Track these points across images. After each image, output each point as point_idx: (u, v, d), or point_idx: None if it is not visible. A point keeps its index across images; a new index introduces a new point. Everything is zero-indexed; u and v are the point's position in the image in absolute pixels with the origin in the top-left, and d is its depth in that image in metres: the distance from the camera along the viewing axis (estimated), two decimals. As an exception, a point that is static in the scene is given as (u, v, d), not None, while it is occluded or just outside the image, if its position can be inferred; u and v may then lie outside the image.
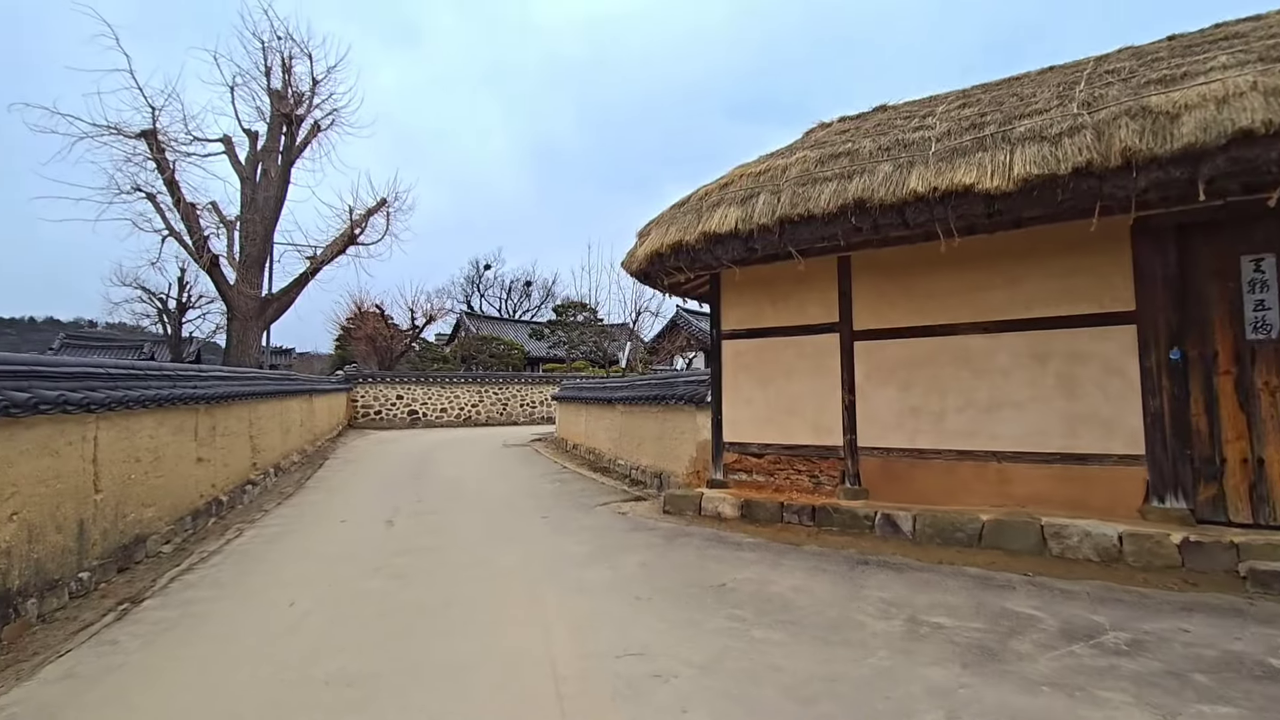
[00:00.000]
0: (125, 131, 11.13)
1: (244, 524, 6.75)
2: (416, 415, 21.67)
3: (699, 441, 7.40)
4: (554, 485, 9.16)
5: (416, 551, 5.47)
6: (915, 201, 4.97)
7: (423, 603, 4.19)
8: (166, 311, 27.67)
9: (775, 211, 5.61)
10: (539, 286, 54.06)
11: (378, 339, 24.03)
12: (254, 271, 13.03)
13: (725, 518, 6.41)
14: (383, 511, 7.23)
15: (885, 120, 6.24)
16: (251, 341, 13.03)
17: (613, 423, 10.59)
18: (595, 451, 11.59)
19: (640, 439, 9.24)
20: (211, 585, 4.67)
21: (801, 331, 6.58)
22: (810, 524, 5.99)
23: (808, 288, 6.54)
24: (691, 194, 6.63)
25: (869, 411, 6.16)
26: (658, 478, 8.40)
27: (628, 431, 9.82)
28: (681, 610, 3.97)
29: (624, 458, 9.92)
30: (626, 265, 7.14)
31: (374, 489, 8.96)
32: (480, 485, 9.19)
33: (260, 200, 13.08)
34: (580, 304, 26.17)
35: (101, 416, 4.62)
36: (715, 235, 5.94)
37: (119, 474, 4.88)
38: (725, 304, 7.14)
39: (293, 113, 13.01)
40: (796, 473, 6.57)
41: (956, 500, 5.64)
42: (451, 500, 7.96)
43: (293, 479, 9.81)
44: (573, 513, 7.11)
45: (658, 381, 9.02)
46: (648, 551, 5.39)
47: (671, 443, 8.08)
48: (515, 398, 23.68)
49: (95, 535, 4.52)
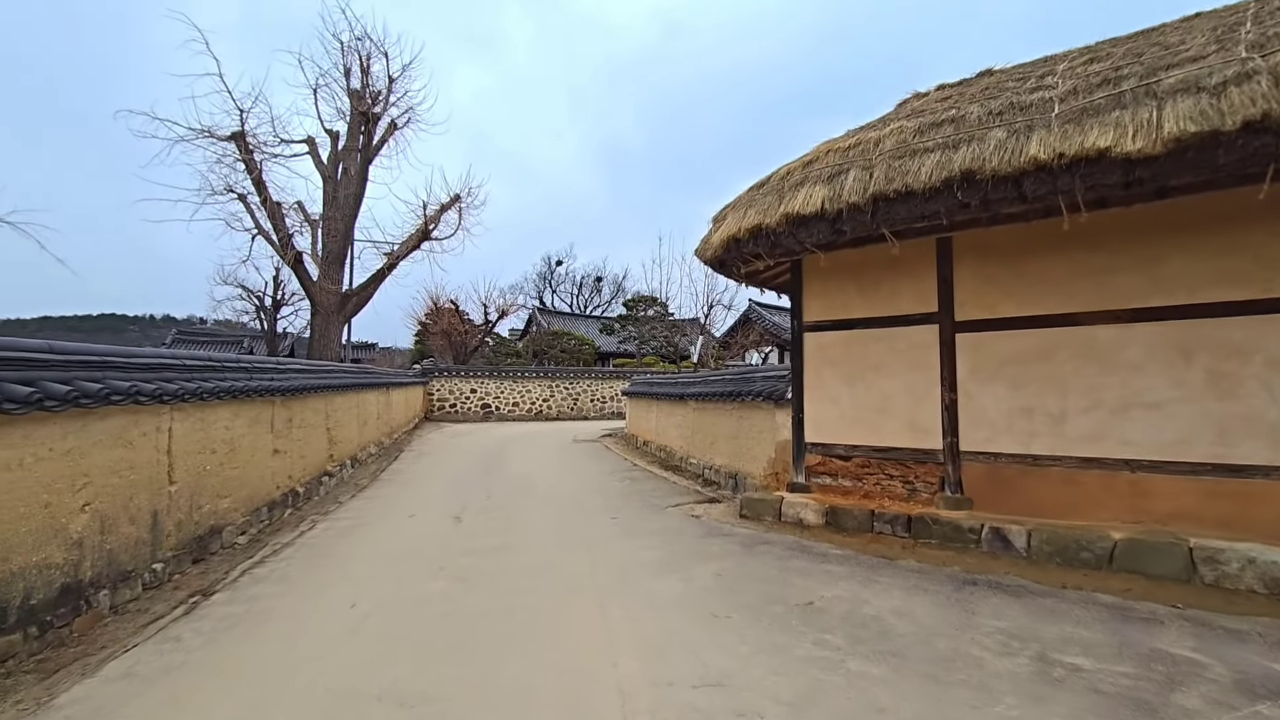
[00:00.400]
0: (217, 134, 11.68)
1: (318, 516, 6.79)
2: (489, 409, 22.00)
3: (778, 441, 6.90)
4: (624, 484, 8.86)
5: (482, 552, 5.27)
6: (1035, 171, 4.32)
7: (485, 610, 3.94)
8: (263, 308, 29.34)
9: (867, 188, 5.06)
10: (609, 282, 54.25)
11: (452, 334, 24.56)
12: (335, 267, 13.42)
13: (808, 525, 5.91)
14: (451, 507, 7.13)
15: (993, 84, 5.53)
16: (333, 335, 13.45)
17: (684, 419, 10.20)
18: (666, 449, 11.24)
19: (713, 437, 8.81)
20: (279, 580, 4.61)
21: (894, 323, 5.98)
22: (905, 535, 5.41)
23: (902, 274, 5.93)
24: (771, 174, 6.14)
25: (974, 412, 5.50)
26: (732, 479, 7.95)
27: (700, 429, 9.40)
28: (764, 632, 3.55)
29: (696, 456, 9.51)
30: (700, 253, 6.71)
31: (445, 483, 8.93)
32: (549, 482, 9.01)
33: (341, 198, 13.46)
34: (650, 298, 25.85)
35: (175, 408, 4.63)
36: (799, 217, 5.44)
37: (193, 465, 4.90)
38: (807, 293, 6.60)
39: (370, 110, 13.29)
40: (888, 478, 5.97)
41: (1079, 514, 4.93)
42: (520, 497, 7.79)
43: (368, 471, 9.95)
44: (643, 514, 6.77)
45: (732, 377, 8.55)
46: (724, 561, 4.98)
47: (748, 442, 7.61)
48: (586, 393, 23.67)
49: (169, 526, 4.53)
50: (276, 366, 6.83)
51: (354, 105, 13.37)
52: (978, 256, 5.54)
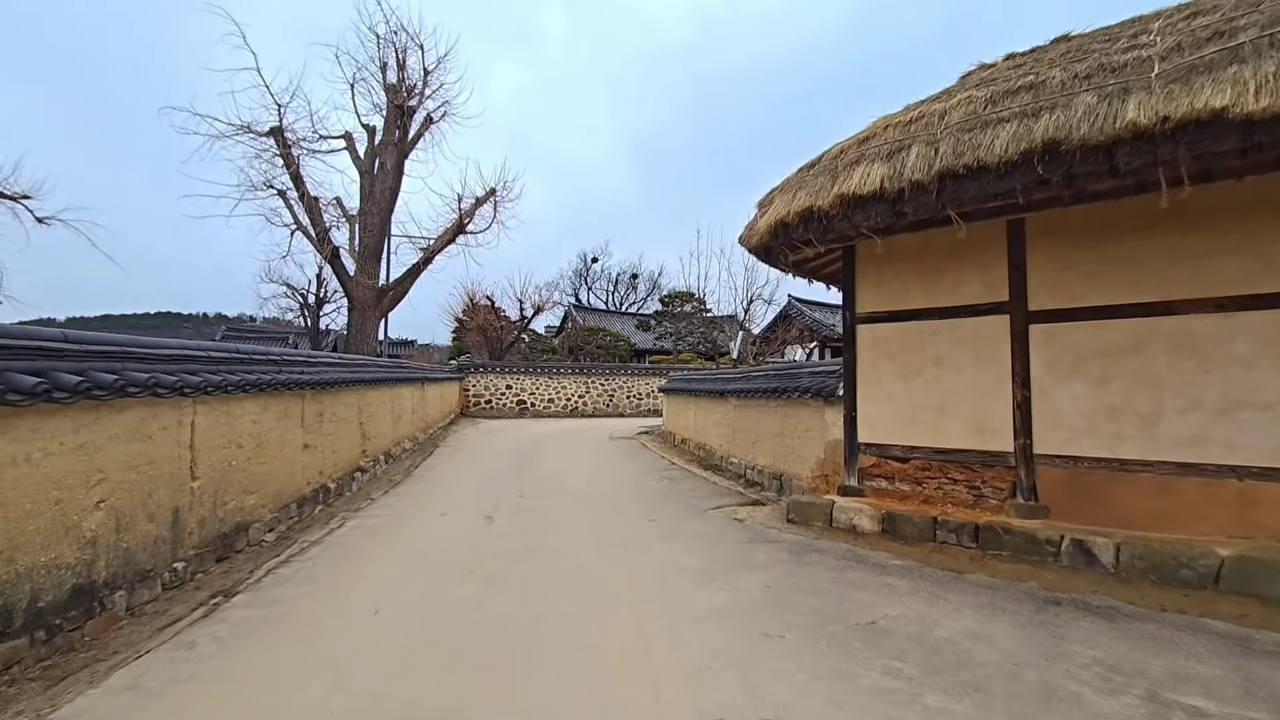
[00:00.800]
0: (256, 130, 11.74)
1: (349, 513, 6.63)
2: (525, 405, 21.90)
3: (827, 441, 6.46)
4: (662, 483, 8.52)
5: (513, 555, 4.99)
6: (1132, 139, 3.82)
7: (514, 620, 3.64)
8: (307, 305, 29.90)
9: (932, 165, 4.60)
10: (645, 279, 53.92)
11: (488, 330, 24.56)
12: (371, 262, 13.40)
13: (862, 532, 5.47)
14: (484, 505, 6.89)
15: (1074, 48, 4.99)
16: (369, 330, 13.44)
17: (725, 417, 9.79)
18: (705, 447, 10.85)
19: (756, 436, 8.39)
20: (304, 581, 4.40)
21: (958, 313, 5.49)
22: (972, 546, 4.93)
23: (967, 260, 5.44)
24: (822, 153, 5.70)
25: (1050, 411, 4.98)
26: (777, 480, 7.53)
27: (742, 427, 8.99)
28: (823, 656, 3.16)
29: (737, 456, 9.11)
30: (745, 240, 6.31)
31: (478, 480, 8.73)
32: (585, 481, 8.72)
33: (377, 193, 13.42)
34: (687, 294, 25.41)
35: (198, 400, 4.46)
36: (855, 198, 5.00)
37: (218, 460, 4.74)
38: (861, 283, 6.14)
39: (405, 104, 13.22)
40: (951, 482, 5.49)
41: (1174, 526, 4.40)
42: (554, 496, 7.51)
43: (402, 467, 9.83)
44: (683, 516, 6.42)
45: (776, 373, 8.12)
46: (772, 570, 4.59)
47: (794, 441, 7.18)
48: (621, 389, 23.40)
49: (191, 524, 4.36)
50: (307, 359, 6.68)
51: (390, 99, 13.32)
52: (1054, 239, 5.02)
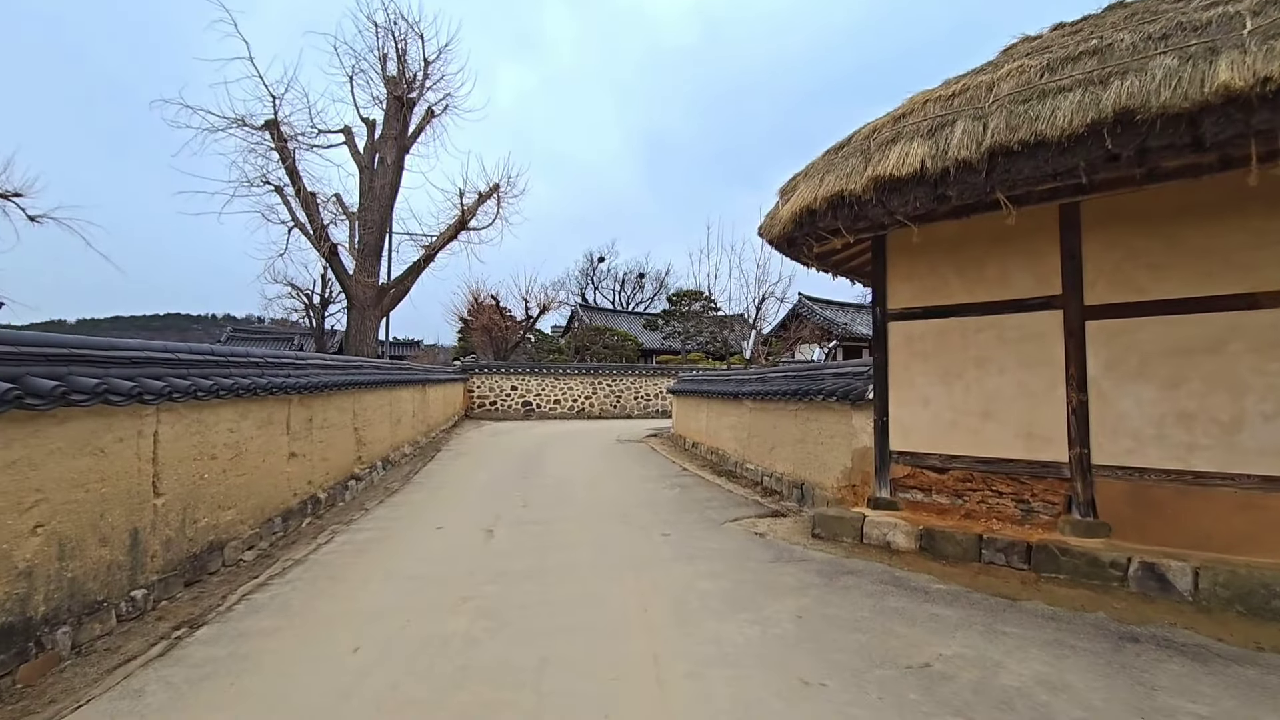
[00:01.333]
0: (250, 123, 11.32)
1: (340, 525, 6.18)
2: (530, 406, 21.45)
3: (855, 449, 5.95)
4: (674, 492, 8.03)
5: (513, 577, 4.51)
6: (1223, 105, 3.32)
7: (511, 665, 3.17)
8: (312, 306, 29.55)
9: (980, 142, 4.09)
10: (652, 278, 53.52)
11: (493, 330, 24.10)
12: (371, 260, 12.97)
13: (897, 550, 4.97)
14: (484, 518, 6.42)
15: (1140, 10, 4.47)
16: (369, 330, 13.00)
17: (739, 420, 9.30)
18: (718, 452, 10.36)
19: (774, 441, 7.89)
20: (278, 611, 3.93)
21: (1004, 309, 4.98)
22: (1023, 567, 4.43)
23: (1014, 250, 4.93)
24: (853, 133, 5.20)
25: (1110, 417, 4.47)
26: (798, 489, 7.03)
27: (758, 432, 8.49)
28: (876, 711, 2.67)
29: (753, 462, 8.61)
30: (765, 231, 5.82)
31: (479, 488, 8.27)
32: (592, 488, 8.24)
33: (377, 188, 12.99)
34: (695, 293, 24.89)
35: (164, 408, 4.00)
36: (891, 180, 4.50)
37: (188, 474, 4.28)
38: (893, 276, 5.63)
39: (405, 95, 12.77)
40: (996, 495, 4.98)
41: (1261, 548, 3.88)
42: (559, 506, 7.04)
43: (401, 473, 9.38)
44: (699, 530, 5.93)
45: (797, 374, 7.62)
46: (802, 596, 4.10)
47: (817, 448, 6.68)
48: (629, 390, 22.92)
49: (154, 546, 3.91)
50: (294, 362, 6.23)
51: (389, 91, 12.88)
52: (1114, 225, 4.51)
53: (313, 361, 6.83)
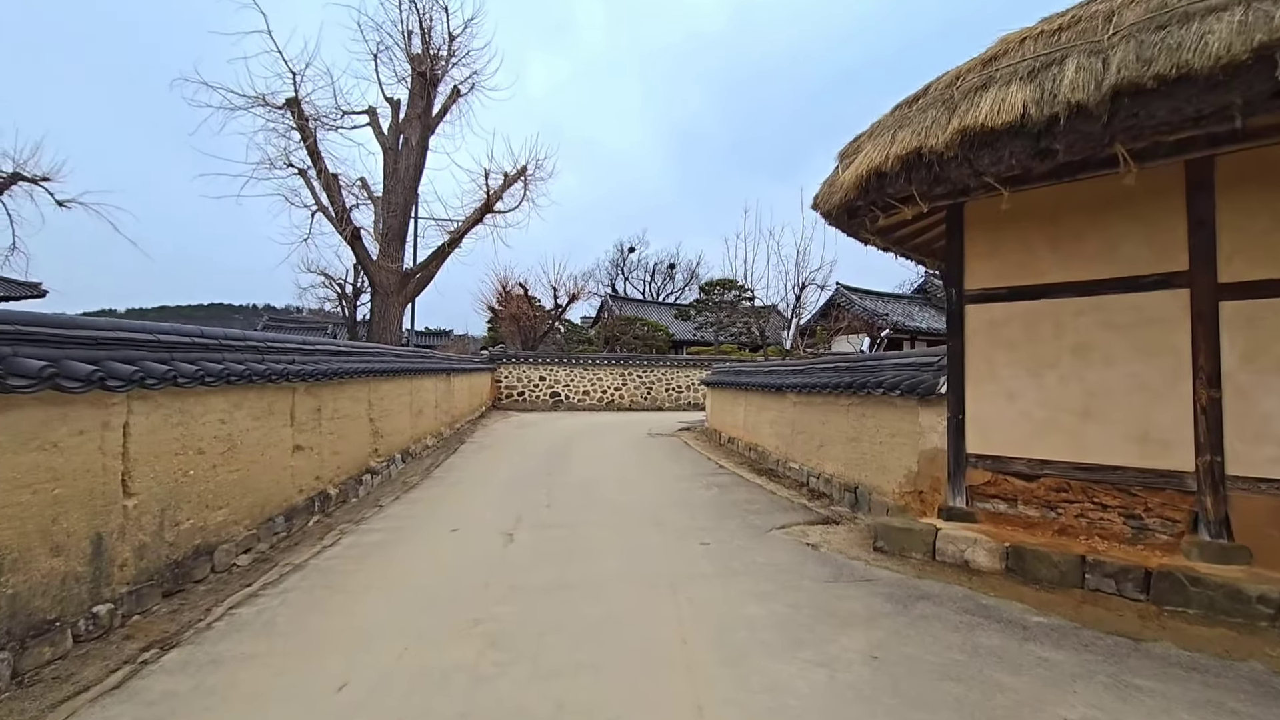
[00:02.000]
0: (271, 102, 10.93)
1: (349, 524, 5.69)
2: (559, 397, 20.95)
3: (922, 450, 5.23)
4: (710, 492, 7.38)
5: (531, 593, 3.93)
6: None
7: (523, 709, 2.58)
8: (344, 295, 29.53)
9: (1101, 80, 3.33)
10: (683, 269, 52.70)
11: (521, 319, 23.60)
12: (395, 244, 12.52)
13: (977, 569, 4.26)
14: (503, 519, 5.87)
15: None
16: (393, 317, 12.57)
17: (781, 415, 8.59)
18: (757, 449, 9.66)
19: (822, 439, 7.18)
20: (262, 630, 3.42)
21: (1111, 288, 4.20)
22: (1139, 597, 3.68)
23: (1124, 216, 4.15)
24: (929, 84, 4.45)
25: (1250, 419, 3.69)
26: (850, 492, 6.32)
27: (804, 428, 7.78)
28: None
29: (797, 460, 7.90)
30: (822, 201, 5.10)
31: (501, 484, 7.73)
32: (621, 487, 7.64)
33: (401, 170, 12.53)
34: (729, 282, 24.06)
35: (136, 396, 3.50)
36: (983, 132, 3.76)
37: (168, 470, 3.79)
38: (972, 251, 4.88)
39: (429, 71, 12.26)
40: (1098, 508, 4.23)
41: None
42: (586, 508, 6.45)
43: (421, 466, 8.90)
44: (741, 538, 5.28)
45: (849, 365, 6.88)
46: (873, 628, 3.43)
47: (875, 448, 5.95)
48: (660, 381, 22.24)
49: (124, 554, 3.41)
50: (301, 347, 5.74)
51: (414, 69, 12.39)
52: (1260, 185, 3.70)
53: (322, 348, 6.34)
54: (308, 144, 11.12)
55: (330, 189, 11.50)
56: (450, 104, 13.10)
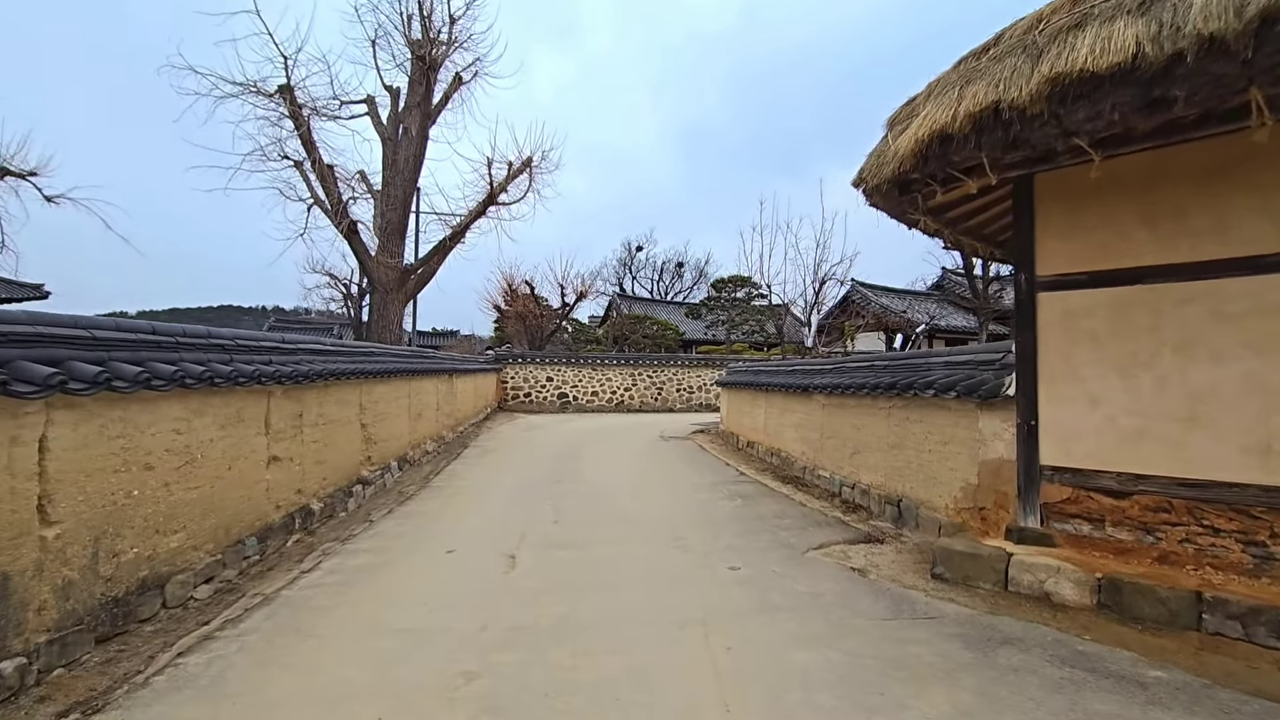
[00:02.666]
0: (263, 89, 10.37)
1: (334, 544, 5.10)
2: (566, 398, 20.33)
3: (984, 460, 4.57)
4: (734, 504, 6.74)
5: (535, 636, 3.31)
6: None
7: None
8: (350, 295, 28.99)
9: (1244, 5, 2.67)
10: (691, 268, 52.02)
11: (527, 317, 22.95)
12: (394, 239, 11.94)
13: (1062, 604, 3.60)
14: (505, 537, 5.26)
15: None
16: (393, 315, 11.99)
17: (808, 418, 7.93)
18: (780, 454, 9.00)
19: (857, 445, 6.52)
20: (207, 689, 2.80)
21: (1223, 270, 3.54)
22: (1276, 645, 3.02)
23: (1242, 186, 3.48)
24: (1001, 31, 3.79)
25: None
26: (892, 505, 5.67)
27: (835, 432, 7.12)
28: None
29: (828, 468, 7.25)
30: (870, 174, 4.44)
31: (505, 495, 7.13)
32: (636, 497, 7.02)
33: (401, 161, 11.94)
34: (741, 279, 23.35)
35: (59, 404, 2.90)
36: (1081, 80, 3.10)
37: (104, 491, 3.19)
38: (1045, 230, 4.21)
39: (429, 56, 11.65)
40: (1209, 532, 3.56)
41: None
42: (597, 523, 5.84)
43: (419, 474, 8.31)
44: (776, 561, 4.64)
45: (890, 363, 6.22)
46: (955, 686, 2.78)
47: (922, 456, 5.30)
48: (671, 381, 21.58)
49: (42, 594, 2.81)
50: (280, 345, 5.14)
51: (413, 53, 11.80)
52: None
53: (307, 346, 5.74)
54: (301, 133, 10.54)
55: (326, 180, 10.91)
56: (452, 92, 12.50)
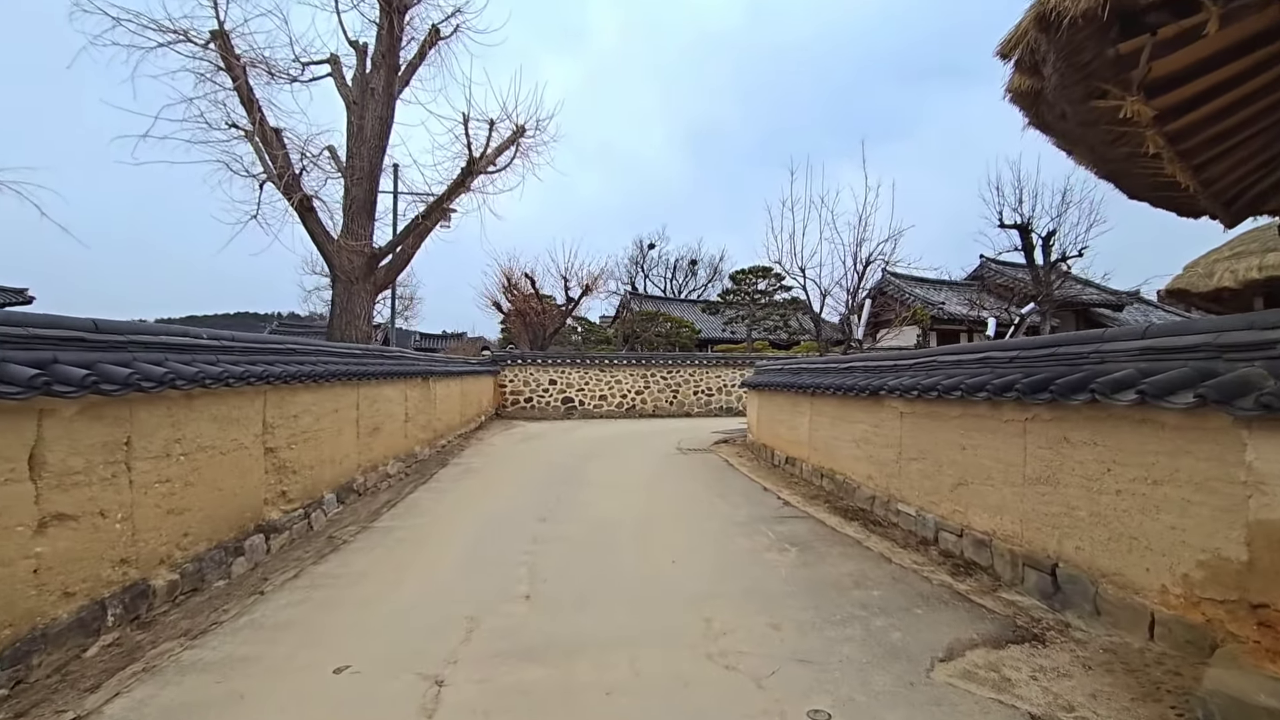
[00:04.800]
0: (194, 38, 8.57)
1: (172, 642, 3.25)
2: (572, 403, 18.38)
3: (1260, 522, 2.58)
4: (786, 556, 4.78)
5: None
6: None
7: None
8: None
9: None
10: (705, 265, 50.03)
11: (528, 314, 20.94)
12: (361, 219, 10.07)
13: None
14: (444, 631, 3.35)
15: None
16: (360, 309, 10.11)
17: (878, 431, 5.94)
18: (834, 476, 7.02)
19: (963, 473, 4.55)
20: None
21: None
22: None
23: None
24: None
25: None
26: (1041, 571, 3.69)
27: (923, 451, 5.14)
28: None
29: (912, 502, 5.27)
30: (1053, 12, 2.48)
31: (469, 540, 5.23)
32: (648, 546, 5.10)
33: (368, 127, 10.11)
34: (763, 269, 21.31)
35: None
36: None
37: None
38: None
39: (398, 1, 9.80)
40: None
41: None
42: (589, 600, 3.92)
43: (370, 506, 6.42)
44: (888, 695, 2.68)
45: (1016, 354, 4.20)
46: None
47: (1102, 501, 3.31)
48: (688, 383, 19.53)
49: None
50: (84, 337, 3.27)
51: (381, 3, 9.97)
52: None
53: (166, 340, 3.88)
54: (238, 86, 8.69)
55: (269, 143, 9.05)
56: (427, 48, 10.63)
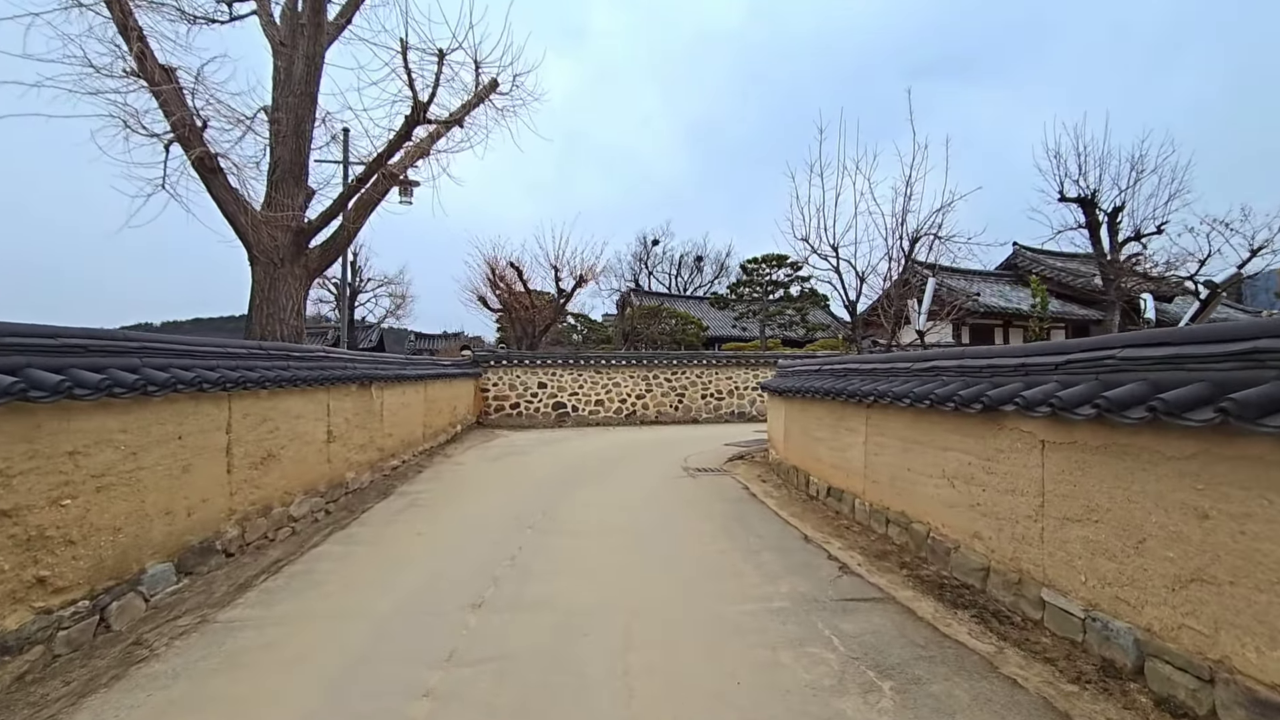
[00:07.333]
0: (58, -53, 6.68)
1: None
2: (564, 409, 16.34)
3: None
4: (871, 704, 2.76)
5: None
6: None
7: None
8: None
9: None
10: (711, 261, 47.99)
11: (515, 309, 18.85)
12: (287, 186, 8.08)
13: None
14: None
15: None
16: (285, 299, 8.10)
17: (994, 467, 3.91)
18: (913, 527, 4.97)
19: (1200, 559, 2.52)
20: None
21: None
22: None
23: None
24: None
25: None
26: None
27: (1096, 508, 3.11)
28: None
29: (1068, 591, 3.24)
30: None
31: (350, 658, 3.23)
32: (635, 681, 3.09)
33: (297, 73, 8.17)
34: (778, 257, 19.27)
35: None
36: None
37: None
38: None
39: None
40: None
41: None
42: None
43: (227, 582, 4.39)
44: None
45: None
46: None
47: None
48: (695, 386, 17.47)
49: None
50: None
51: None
52: None
53: None
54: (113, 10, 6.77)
55: (153, 79, 7.02)
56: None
